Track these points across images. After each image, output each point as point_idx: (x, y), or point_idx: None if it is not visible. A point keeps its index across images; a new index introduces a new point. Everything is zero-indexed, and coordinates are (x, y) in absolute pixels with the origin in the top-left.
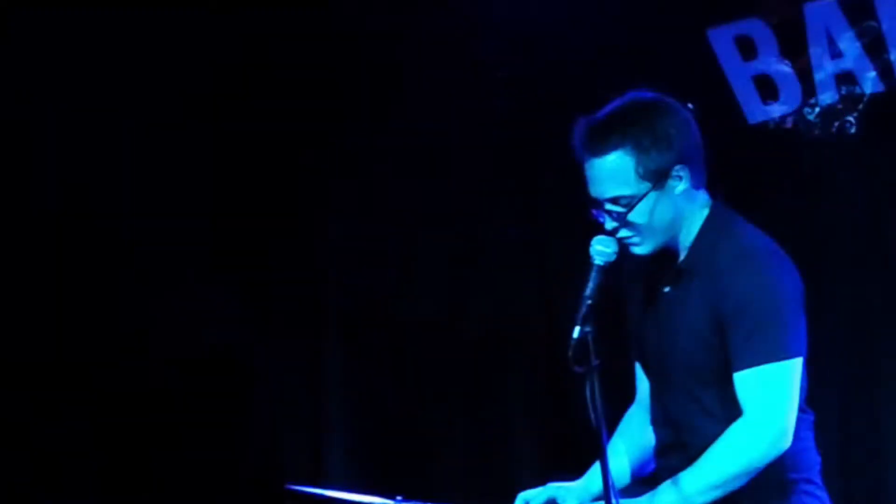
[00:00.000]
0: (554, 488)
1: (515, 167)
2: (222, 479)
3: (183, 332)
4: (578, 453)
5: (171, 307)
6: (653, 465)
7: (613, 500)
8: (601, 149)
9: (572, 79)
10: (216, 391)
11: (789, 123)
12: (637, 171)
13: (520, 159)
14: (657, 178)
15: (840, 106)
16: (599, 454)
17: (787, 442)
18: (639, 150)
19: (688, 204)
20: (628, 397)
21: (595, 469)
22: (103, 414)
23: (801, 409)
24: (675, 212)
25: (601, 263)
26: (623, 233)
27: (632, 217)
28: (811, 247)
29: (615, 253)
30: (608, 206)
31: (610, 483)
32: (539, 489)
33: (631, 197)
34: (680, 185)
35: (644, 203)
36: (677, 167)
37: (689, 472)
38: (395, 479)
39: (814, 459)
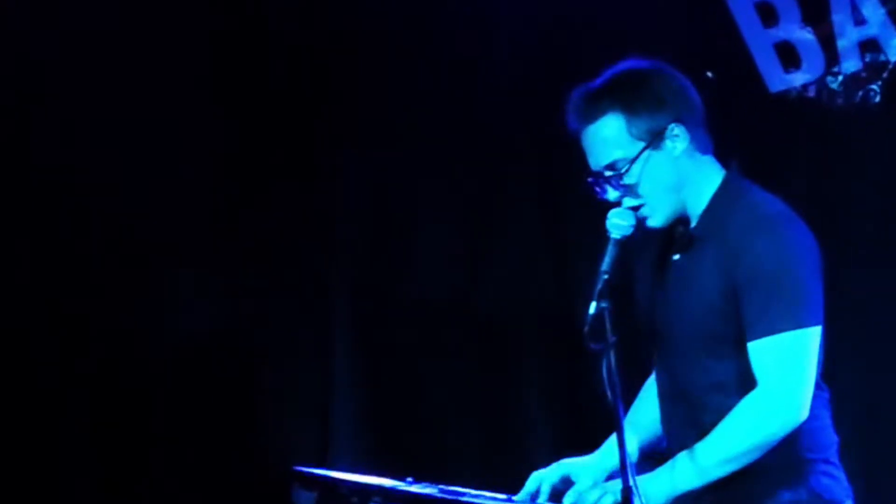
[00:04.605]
0: (567, 465)
1: (529, 140)
2: (228, 461)
3: (187, 312)
4: (595, 433)
5: (174, 286)
6: (665, 442)
7: (631, 480)
8: (592, 115)
9: (588, 48)
10: (222, 372)
11: (812, 92)
12: (630, 132)
13: (533, 132)
14: (651, 138)
15: (864, 74)
16: (617, 433)
17: (804, 414)
18: (629, 110)
19: (693, 168)
20: (646, 374)
21: (609, 445)
22: (103, 397)
23: (816, 386)
24: (678, 174)
25: (618, 237)
26: (628, 201)
27: (629, 178)
28: (833, 218)
29: (632, 226)
30: (607, 174)
31: (627, 463)
32: (552, 467)
33: (627, 159)
34: (678, 144)
35: (640, 163)
36: (672, 126)
37: (704, 445)
38: (406, 459)
39: (830, 439)
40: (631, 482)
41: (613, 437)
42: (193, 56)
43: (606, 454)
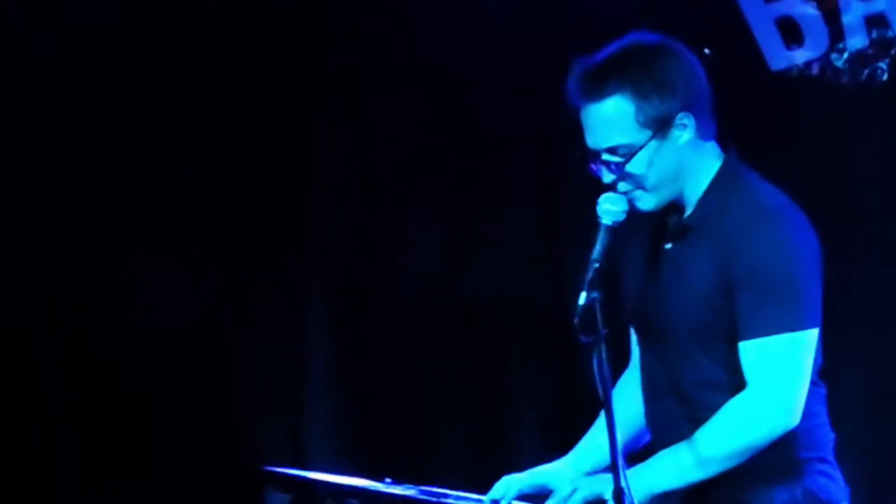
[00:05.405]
0: (541, 474)
1: (517, 125)
2: (197, 461)
3: (158, 308)
4: (586, 432)
5: (142, 278)
6: (647, 439)
7: (623, 481)
8: (598, 94)
9: (583, 24)
10: (191, 368)
11: (815, 70)
12: (637, 119)
13: (522, 116)
14: (659, 127)
15: (870, 51)
16: (608, 430)
17: (793, 421)
18: (639, 95)
19: (694, 156)
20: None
21: (583, 446)
22: (69, 395)
23: (812, 383)
24: (680, 164)
25: (609, 223)
26: (623, 186)
27: (630, 168)
28: (837, 205)
29: (625, 212)
30: (605, 157)
31: (619, 463)
32: (525, 475)
33: (630, 146)
34: (684, 134)
35: (644, 153)
36: (681, 115)
37: (685, 445)
38: (384, 459)
39: (827, 436)
40: (623, 483)
41: (587, 438)
42: (176, 49)
43: (581, 457)
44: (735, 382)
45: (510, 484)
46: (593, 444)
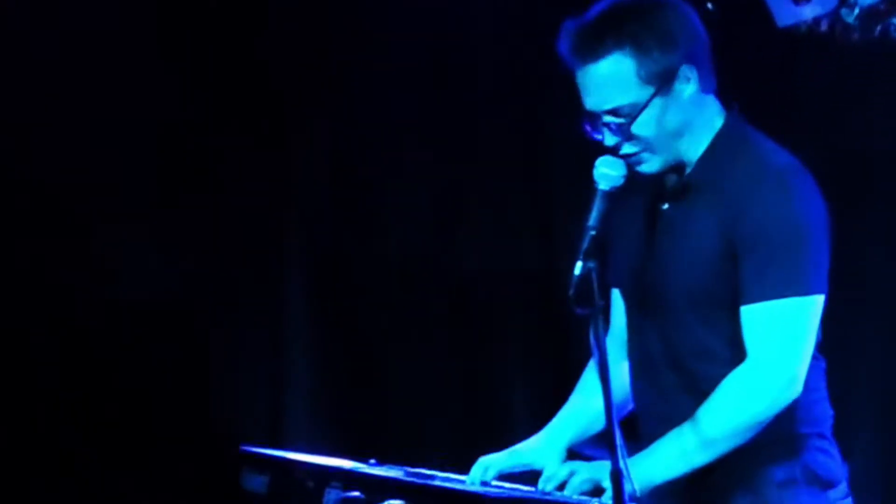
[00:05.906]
0: (521, 454)
1: (508, 86)
2: (173, 440)
3: (129, 279)
4: None
5: (116, 250)
6: (629, 408)
7: (622, 462)
8: (595, 53)
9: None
10: (167, 343)
11: (824, 26)
12: (639, 75)
13: (513, 76)
14: (662, 82)
15: (882, 6)
16: (605, 407)
17: (797, 390)
18: (639, 50)
19: (697, 110)
20: None
21: (561, 419)
22: (42, 372)
23: (813, 357)
24: (684, 119)
25: (607, 189)
26: (627, 148)
27: (636, 129)
28: (846, 166)
29: (623, 177)
30: (607, 119)
31: (618, 442)
32: (503, 454)
33: (633, 105)
34: (688, 87)
35: (649, 111)
36: (684, 67)
37: (687, 427)
38: (369, 438)
39: (826, 412)
40: (621, 464)
41: (564, 411)
42: (156, 14)
43: (560, 430)
44: (737, 355)
45: (488, 465)
46: (571, 417)
